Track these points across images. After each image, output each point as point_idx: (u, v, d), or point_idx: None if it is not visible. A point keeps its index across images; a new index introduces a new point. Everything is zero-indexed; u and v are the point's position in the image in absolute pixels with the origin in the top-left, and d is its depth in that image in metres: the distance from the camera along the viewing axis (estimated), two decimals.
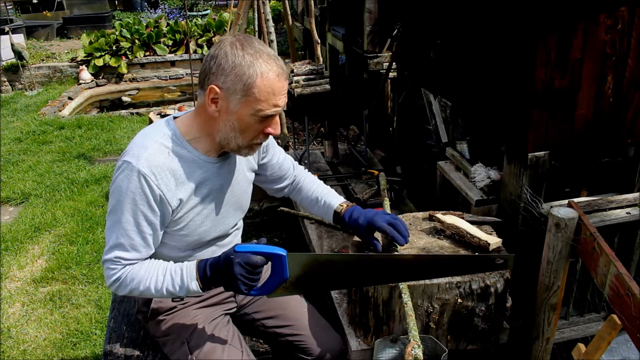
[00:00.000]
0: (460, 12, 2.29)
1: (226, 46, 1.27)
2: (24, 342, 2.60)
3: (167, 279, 1.35)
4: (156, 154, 1.32)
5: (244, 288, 1.28)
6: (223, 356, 1.51)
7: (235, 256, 1.25)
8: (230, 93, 1.27)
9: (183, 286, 1.34)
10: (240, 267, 1.25)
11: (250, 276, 1.27)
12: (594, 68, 1.79)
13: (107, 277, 1.38)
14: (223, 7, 12.75)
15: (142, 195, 1.30)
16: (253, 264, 1.26)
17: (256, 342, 2.15)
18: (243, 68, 1.25)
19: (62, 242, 3.45)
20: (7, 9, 9.78)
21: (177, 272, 1.35)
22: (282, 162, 1.67)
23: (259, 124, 1.32)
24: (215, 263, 1.31)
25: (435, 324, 1.60)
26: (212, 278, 1.32)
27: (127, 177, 1.29)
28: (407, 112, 3.57)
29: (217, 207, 1.47)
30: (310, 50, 5.95)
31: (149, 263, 1.38)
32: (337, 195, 1.67)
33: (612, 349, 1.85)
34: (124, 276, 1.36)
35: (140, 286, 1.35)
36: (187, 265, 1.36)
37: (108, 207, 1.35)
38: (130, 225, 1.32)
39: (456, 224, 1.75)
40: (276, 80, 1.28)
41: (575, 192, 2.09)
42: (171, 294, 1.36)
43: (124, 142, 5.33)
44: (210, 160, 1.41)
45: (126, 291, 1.38)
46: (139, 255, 1.36)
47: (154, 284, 1.35)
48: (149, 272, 1.36)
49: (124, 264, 1.35)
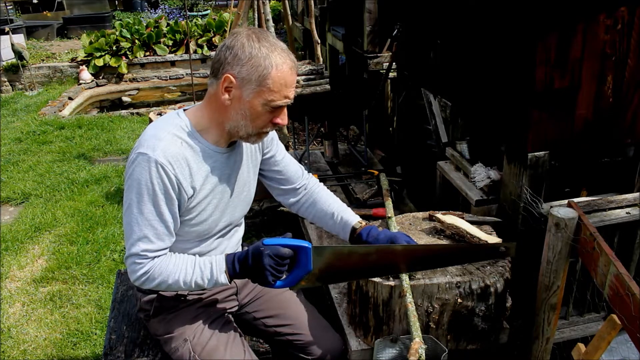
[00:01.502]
0: (460, 13, 2.29)
1: (243, 38, 1.31)
2: (24, 342, 2.60)
3: (196, 272, 1.39)
4: (170, 145, 1.34)
5: (271, 279, 1.35)
6: (225, 355, 1.52)
7: (265, 248, 1.33)
8: (244, 82, 1.31)
9: (212, 279, 1.39)
10: (269, 259, 1.32)
11: (278, 267, 1.34)
12: (593, 68, 1.79)
13: (132, 271, 1.39)
14: (223, 7, 12.76)
15: (162, 185, 1.33)
16: (282, 255, 1.33)
17: (256, 341, 2.15)
18: (259, 59, 1.29)
19: (62, 242, 3.45)
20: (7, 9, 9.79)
21: (207, 265, 1.40)
22: (288, 161, 1.67)
23: (269, 113, 1.36)
24: (244, 255, 1.37)
25: (435, 323, 1.61)
26: (241, 270, 1.38)
27: (145, 168, 1.31)
28: (407, 112, 3.57)
29: (225, 196, 1.50)
30: (310, 50, 5.96)
31: (175, 257, 1.41)
32: (352, 212, 1.68)
33: (612, 349, 1.85)
34: (152, 270, 1.37)
35: (169, 279, 1.38)
36: (215, 259, 1.41)
37: (125, 202, 1.36)
38: (152, 215, 1.35)
39: (456, 224, 1.75)
40: (289, 73, 1.33)
41: (575, 192, 2.09)
42: (199, 287, 1.41)
43: (124, 142, 5.33)
44: (219, 150, 1.44)
45: (153, 285, 1.39)
46: (163, 245, 1.39)
47: (182, 277, 1.39)
48: (177, 265, 1.39)
49: (151, 257, 1.37)
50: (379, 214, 2.34)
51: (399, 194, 2.84)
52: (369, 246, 1.54)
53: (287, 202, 1.73)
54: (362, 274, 1.56)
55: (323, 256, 1.39)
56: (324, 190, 1.73)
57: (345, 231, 1.65)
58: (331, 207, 1.68)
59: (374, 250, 1.49)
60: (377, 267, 1.51)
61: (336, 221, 1.66)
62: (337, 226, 1.66)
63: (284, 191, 1.70)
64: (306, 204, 1.71)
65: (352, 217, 1.65)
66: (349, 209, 1.69)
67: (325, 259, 1.40)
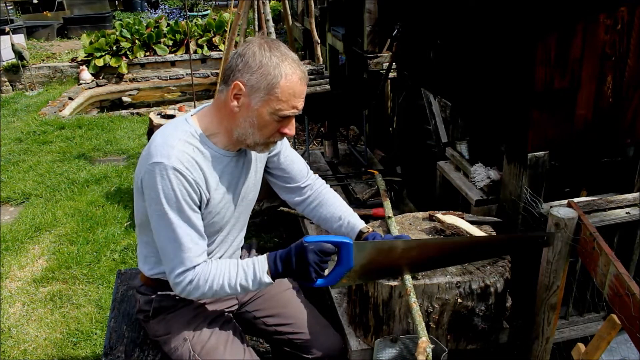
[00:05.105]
0: (460, 13, 2.29)
1: (254, 46, 1.32)
2: (24, 342, 2.60)
3: (240, 275, 1.40)
4: (184, 151, 1.35)
5: (314, 275, 1.35)
6: (225, 353, 1.52)
7: (309, 244, 1.34)
8: (253, 90, 1.32)
9: (256, 280, 1.39)
10: (314, 255, 1.33)
11: (322, 264, 1.35)
12: (593, 68, 1.79)
13: (177, 283, 1.39)
14: (223, 7, 12.76)
15: (184, 191, 1.33)
16: (325, 251, 1.34)
17: (256, 341, 2.15)
18: (269, 68, 1.30)
19: (62, 242, 3.45)
20: (7, 9, 9.78)
21: (250, 266, 1.40)
22: (293, 158, 1.66)
23: (276, 123, 1.37)
24: (287, 253, 1.38)
25: (435, 323, 1.61)
26: (284, 268, 1.38)
27: (164, 178, 1.31)
28: (407, 112, 3.57)
29: (234, 198, 1.51)
30: (310, 50, 5.96)
31: (217, 262, 1.42)
32: (358, 217, 1.68)
33: (612, 349, 1.85)
34: (196, 278, 1.38)
35: (215, 285, 1.38)
36: (258, 259, 1.41)
37: (152, 215, 1.36)
38: (181, 223, 1.35)
39: (456, 223, 1.75)
40: (298, 84, 1.33)
41: (575, 192, 2.09)
42: (245, 289, 1.41)
43: (124, 142, 5.33)
44: (229, 155, 1.45)
45: (199, 293, 1.39)
46: (200, 249, 1.39)
47: (227, 280, 1.39)
48: (220, 269, 1.40)
49: (192, 265, 1.37)
50: (379, 214, 2.34)
51: (399, 194, 2.84)
52: (409, 240, 1.53)
53: (293, 201, 1.72)
54: (403, 270, 1.54)
55: (365, 252, 1.38)
56: (330, 192, 1.73)
57: (351, 234, 1.64)
58: (338, 211, 1.67)
59: (415, 244, 1.49)
60: (417, 263, 1.50)
61: (342, 225, 1.66)
62: (342, 230, 1.66)
63: (290, 189, 1.70)
64: (312, 205, 1.70)
65: (359, 222, 1.65)
66: (355, 213, 1.69)
67: (366, 254, 1.38)
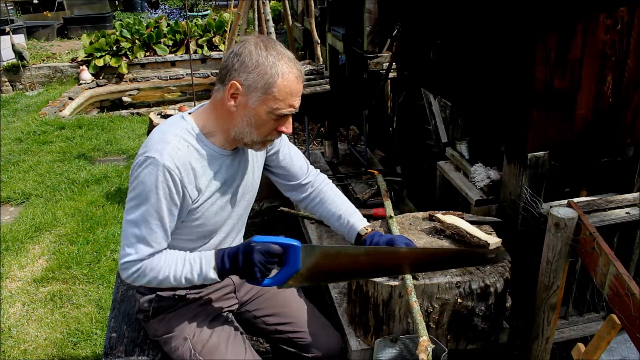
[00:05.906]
0: (460, 13, 2.29)
1: (250, 45, 1.32)
2: (24, 342, 2.60)
3: (186, 268, 1.39)
4: (178, 148, 1.35)
5: (259, 275, 1.34)
6: (226, 352, 1.52)
7: (256, 244, 1.32)
8: (250, 90, 1.32)
9: (202, 274, 1.39)
10: (260, 255, 1.32)
11: (268, 265, 1.33)
12: (593, 68, 1.79)
13: (124, 269, 1.39)
14: (223, 7, 12.76)
15: (167, 189, 1.34)
16: (272, 252, 1.33)
17: (256, 341, 2.15)
18: (266, 67, 1.30)
19: (62, 242, 3.46)
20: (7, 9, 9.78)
21: (196, 260, 1.40)
22: (293, 155, 1.67)
23: (273, 121, 1.37)
24: (234, 252, 1.37)
25: (435, 323, 1.61)
26: (231, 266, 1.37)
27: (152, 172, 1.32)
28: (407, 112, 3.57)
29: (231, 197, 1.51)
30: (310, 50, 5.96)
31: (166, 253, 1.41)
32: (360, 216, 1.68)
33: (612, 349, 1.85)
34: (143, 267, 1.38)
35: (160, 275, 1.38)
36: (205, 254, 1.41)
37: (129, 202, 1.37)
38: (153, 219, 1.35)
39: (456, 223, 1.75)
40: (295, 82, 1.34)
41: (575, 192, 2.09)
42: (189, 282, 1.41)
43: (124, 142, 5.33)
44: (225, 153, 1.45)
45: (144, 281, 1.40)
46: (159, 248, 1.39)
47: (172, 272, 1.39)
48: (167, 261, 1.39)
49: (145, 258, 1.38)
50: (379, 214, 2.34)
51: (399, 194, 2.84)
52: (357, 247, 1.54)
53: (295, 198, 1.73)
54: (351, 276, 1.55)
55: (312, 256, 1.37)
56: (331, 189, 1.73)
57: (350, 236, 1.65)
58: (339, 209, 1.68)
59: (363, 252, 1.47)
60: (366, 269, 1.48)
61: (342, 224, 1.66)
62: (343, 229, 1.67)
63: (291, 187, 1.71)
64: (314, 202, 1.71)
65: (359, 222, 1.65)
66: (356, 212, 1.68)
67: (314, 259, 1.37)
